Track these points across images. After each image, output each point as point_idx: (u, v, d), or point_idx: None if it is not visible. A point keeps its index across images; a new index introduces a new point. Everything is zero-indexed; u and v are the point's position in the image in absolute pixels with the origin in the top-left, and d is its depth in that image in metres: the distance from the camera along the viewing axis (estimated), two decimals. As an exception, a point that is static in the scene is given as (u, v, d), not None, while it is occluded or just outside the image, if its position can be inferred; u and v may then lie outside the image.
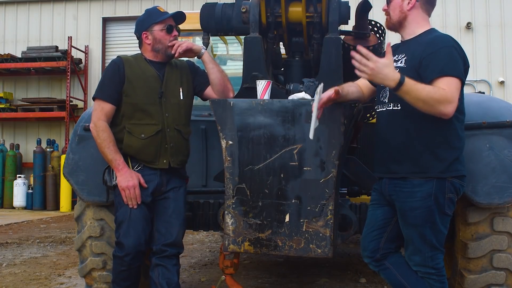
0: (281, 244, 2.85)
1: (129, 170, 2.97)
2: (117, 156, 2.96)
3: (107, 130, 2.97)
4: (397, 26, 2.74)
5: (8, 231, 7.87)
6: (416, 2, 2.69)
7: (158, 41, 3.07)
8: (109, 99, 3.01)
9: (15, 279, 4.69)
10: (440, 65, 2.48)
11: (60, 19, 12.26)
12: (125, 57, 3.12)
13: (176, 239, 3.04)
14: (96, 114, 3.00)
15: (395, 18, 2.73)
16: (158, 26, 3.07)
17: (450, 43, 2.57)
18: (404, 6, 2.69)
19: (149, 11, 3.16)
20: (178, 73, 3.16)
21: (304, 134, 2.80)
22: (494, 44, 10.76)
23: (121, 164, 2.96)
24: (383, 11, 2.80)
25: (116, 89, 3.01)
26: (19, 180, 11.14)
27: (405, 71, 2.59)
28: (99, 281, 3.42)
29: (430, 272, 2.63)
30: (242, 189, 2.88)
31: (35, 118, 11.55)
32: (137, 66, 3.07)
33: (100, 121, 2.98)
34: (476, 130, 3.01)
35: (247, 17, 3.32)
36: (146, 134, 3.00)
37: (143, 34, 3.10)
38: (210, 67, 3.14)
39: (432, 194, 2.54)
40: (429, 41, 2.59)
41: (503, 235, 3.07)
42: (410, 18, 2.70)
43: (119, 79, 3.01)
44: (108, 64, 3.11)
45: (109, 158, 2.96)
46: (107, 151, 2.95)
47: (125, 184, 2.94)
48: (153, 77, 3.06)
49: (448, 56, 2.50)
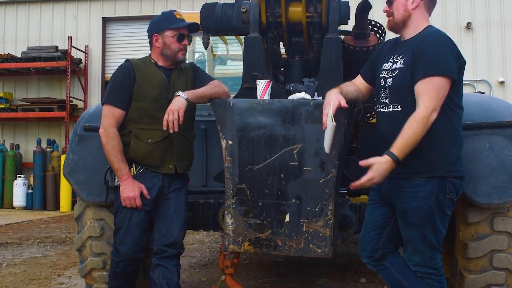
0: (281, 244, 2.85)
1: (132, 181, 2.97)
2: (123, 166, 2.95)
3: (117, 138, 2.96)
4: (400, 26, 2.73)
5: (8, 231, 7.87)
6: (420, 1, 2.68)
7: (168, 47, 3.05)
8: (119, 104, 2.98)
9: (15, 279, 4.69)
10: (427, 64, 2.49)
11: (60, 19, 12.26)
12: (135, 61, 3.09)
13: (177, 240, 3.04)
14: (107, 120, 2.97)
15: (399, 17, 2.71)
16: (170, 32, 3.04)
17: (441, 40, 2.56)
18: (408, 5, 2.68)
19: (164, 15, 3.13)
20: (184, 78, 3.14)
21: (304, 134, 2.81)
22: (494, 44, 10.75)
23: (126, 174, 2.96)
24: (384, 12, 2.79)
25: (127, 94, 2.99)
26: (19, 180, 11.14)
27: (404, 72, 2.59)
28: (99, 281, 3.42)
29: (429, 272, 2.63)
30: (242, 189, 2.88)
31: (35, 118, 11.56)
32: (146, 71, 3.05)
33: (111, 128, 2.96)
34: (476, 130, 3.01)
35: (247, 17, 3.32)
36: (153, 139, 3.00)
37: (154, 36, 3.08)
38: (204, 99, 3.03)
39: (433, 194, 2.54)
40: (421, 38, 2.59)
41: (503, 235, 3.07)
42: (414, 17, 2.69)
43: (129, 84, 2.99)
44: (118, 68, 3.08)
45: (115, 167, 2.96)
46: (114, 160, 2.95)
47: (126, 194, 2.95)
48: (161, 82, 3.05)
49: (437, 54, 2.50)
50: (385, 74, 2.70)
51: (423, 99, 2.47)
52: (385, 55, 2.77)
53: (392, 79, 2.65)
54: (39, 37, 12.28)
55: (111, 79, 3.08)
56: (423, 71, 2.49)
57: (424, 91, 2.48)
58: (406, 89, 2.58)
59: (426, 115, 2.45)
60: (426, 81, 2.48)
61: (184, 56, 3.11)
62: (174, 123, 2.83)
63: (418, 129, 2.45)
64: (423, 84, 2.49)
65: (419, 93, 2.49)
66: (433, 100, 2.46)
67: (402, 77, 2.60)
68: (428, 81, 2.48)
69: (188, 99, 2.90)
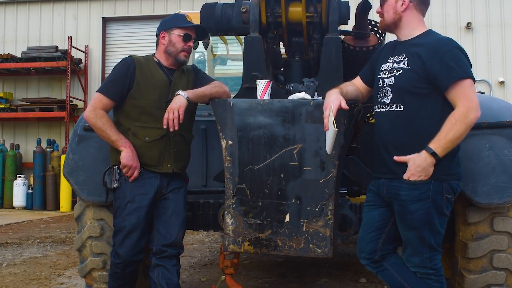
0: (281, 244, 2.85)
1: (134, 150, 2.98)
2: (120, 136, 2.97)
3: (106, 115, 2.98)
4: (392, 27, 2.74)
5: (8, 231, 7.87)
6: (410, 3, 2.68)
7: (172, 44, 3.06)
8: (111, 95, 3.00)
9: (15, 279, 4.69)
10: (451, 70, 2.50)
11: (60, 19, 12.26)
12: (137, 57, 3.10)
13: (176, 240, 3.04)
14: (93, 104, 3.00)
15: (389, 19, 2.72)
16: (178, 31, 3.06)
17: (454, 44, 2.59)
18: (398, 7, 2.69)
19: (176, 15, 3.19)
20: (186, 80, 3.14)
21: (304, 134, 2.81)
22: (494, 44, 10.75)
23: (126, 142, 2.97)
24: (377, 13, 2.80)
25: (121, 89, 3.00)
26: (19, 180, 11.14)
27: (409, 72, 2.59)
28: (99, 281, 3.42)
29: (429, 272, 2.63)
30: (242, 189, 2.88)
31: (35, 118, 11.55)
32: (148, 69, 3.06)
33: (97, 109, 2.98)
34: (476, 130, 3.00)
35: (247, 17, 3.32)
36: (151, 138, 3.00)
37: (161, 33, 3.10)
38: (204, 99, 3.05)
39: (430, 196, 2.54)
40: (433, 45, 2.58)
41: (503, 235, 3.07)
42: (405, 19, 2.70)
43: (127, 80, 3.00)
44: (119, 62, 3.09)
45: (113, 139, 2.96)
46: (110, 133, 2.95)
47: (127, 161, 2.94)
48: (163, 81, 3.05)
49: (456, 58, 2.53)
50: (383, 74, 2.71)
51: (461, 100, 2.48)
52: (384, 56, 2.78)
53: (394, 78, 2.64)
54: (39, 37, 12.27)
55: (112, 70, 3.09)
56: (452, 76, 2.50)
57: (458, 94, 2.49)
58: (410, 89, 2.58)
59: (470, 109, 2.45)
60: (458, 85, 2.49)
61: (186, 58, 3.11)
62: (175, 121, 2.84)
63: (459, 127, 2.45)
64: (456, 89, 2.50)
65: (454, 97, 2.50)
66: (473, 100, 2.48)
67: (407, 77, 2.60)
68: (460, 85, 2.49)
69: (188, 98, 2.90)
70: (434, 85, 2.54)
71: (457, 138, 2.48)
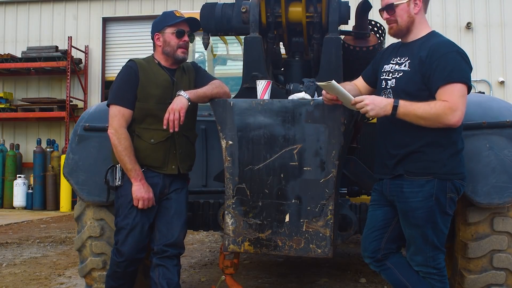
0: (281, 244, 2.85)
1: (146, 182, 2.96)
2: (136, 167, 2.94)
3: (129, 139, 2.95)
4: (404, 31, 2.71)
5: (8, 231, 7.87)
6: (421, 4, 2.68)
7: (167, 44, 3.05)
8: (127, 104, 2.97)
9: (15, 279, 4.69)
10: (445, 72, 2.49)
11: (60, 19, 12.25)
12: (138, 60, 3.09)
13: (177, 240, 3.04)
14: (117, 121, 2.95)
15: (404, 24, 2.68)
16: (170, 29, 3.04)
17: (455, 48, 2.57)
18: (411, 10, 2.67)
19: (165, 14, 3.14)
20: (187, 78, 3.14)
21: (304, 134, 2.81)
22: (494, 44, 10.75)
23: (140, 175, 2.95)
24: (384, 19, 2.77)
25: (133, 93, 2.98)
26: (19, 180, 11.13)
27: (410, 74, 2.59)
28: (99, 281, 3.42)
29: (432, 272, 2.64)
30: (242, 189, 2.88)
31: (35, 118, 11.55)
32: (150, 71, 3.05)
33: (122, 129, 2.94)
34: (476, 130, 3.01)
35: (247, 17, 3.32)
36: (156, 140, 2.99)
37: (156, 36, 3.09)
38: (205, 99, 3.03)
39: (433, 194, 2.55)
40: (433, 46, 2.58)
41: (503, 235, 3.07)
42: (417, 21, 2.69)
43: (134, 83, 2.99)
44: (122, 68, 3.07)
45: (128, 167, 2.93)
46: (128, 160, 2.92)
47: (141, 195, 2.92)
48: (165, 82, 3.04)
49: (453, 62, 2.52)
50: (385, 75, 2.71)
51: (448, 99, 2.47)
52: (387, 57, 2.78)
53: (395, 80, 2.65)
54: (39, 37, 12.27)
55: (116, 79, 3.07)
56: (443, 78, 2.49)
57: (446, 95, 2.48)
58: (411, 92, 2.58)
59: (449, 108, 2.44)
60: (448, 87, 2.48)
61: (184, 55, 3.09)
62: (175, 122, 2.83)
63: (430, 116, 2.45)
64: (444, 90, 2.49)
65: (442, 98, 2.49)
66: (456, 104, 2.46)
67: (407, 79, 2.60)
68: (450, 87, 2.48)
69: (189, 99, 2.90)
70: (428, 86, 2.54)
71: (420, 119, 2.48)
